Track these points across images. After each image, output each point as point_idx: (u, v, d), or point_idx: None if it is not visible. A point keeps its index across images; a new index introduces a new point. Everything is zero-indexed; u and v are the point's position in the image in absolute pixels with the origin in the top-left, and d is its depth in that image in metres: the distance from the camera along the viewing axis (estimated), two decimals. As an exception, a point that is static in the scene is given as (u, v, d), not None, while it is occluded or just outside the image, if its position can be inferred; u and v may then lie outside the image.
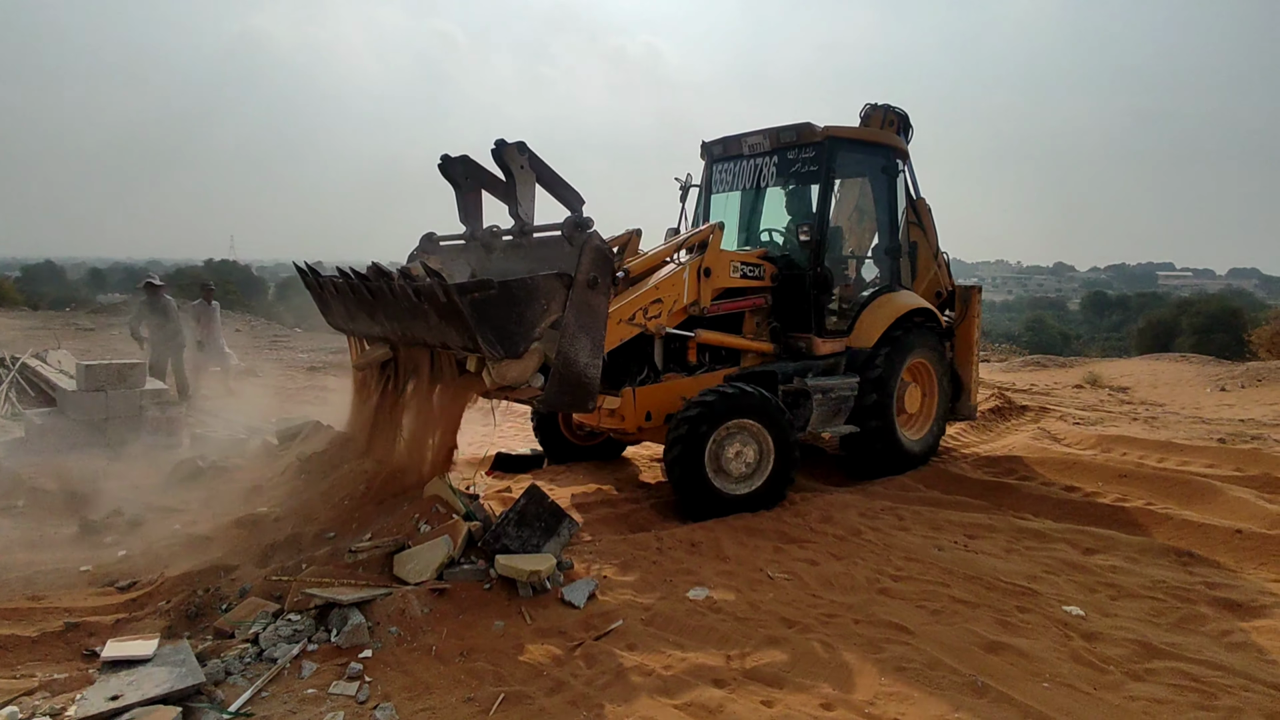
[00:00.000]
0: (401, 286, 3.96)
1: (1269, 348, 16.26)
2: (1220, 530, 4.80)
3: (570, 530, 4.16)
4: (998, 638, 3.44)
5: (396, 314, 4.18)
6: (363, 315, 4.47)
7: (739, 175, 6.55)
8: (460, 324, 3.71)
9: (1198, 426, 8.58)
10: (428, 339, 4.12)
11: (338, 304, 4.76)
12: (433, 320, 3.90)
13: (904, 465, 6.31)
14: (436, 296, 3.72)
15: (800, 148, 6.02)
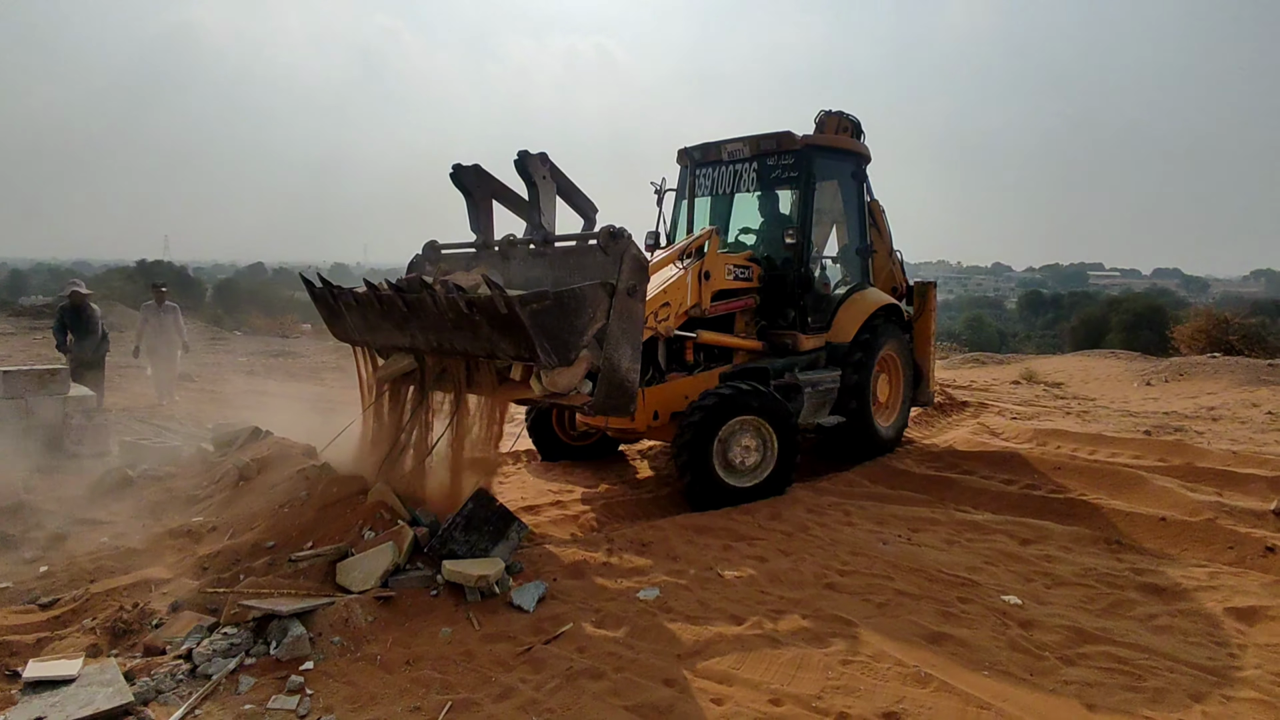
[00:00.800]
0: (451, 298, 3.93)
1: (1189, 344, 17.10)
2: (1146, 518, 5.02)
3: (519, 533, 4.11)
4: (940, 628, 3.52)
5: (435, 325, 4.14)
6: (388, 326, 4.40)
7: (718, 180, 6.79)
8: (518, 334, 3.74)
9: (1126, 419, 8.97)
10: (471, 349, 4.09)
11: (355, 315, 4.62)
12: (483, 331, 3.90)
13: (879, 450, 6.79)
14: (493, 308, 3.72)
15: (780, 155, 6.32)
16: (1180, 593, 3.96)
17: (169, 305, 10.19)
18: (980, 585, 4.00)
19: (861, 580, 4.06)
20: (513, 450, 7.09)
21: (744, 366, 6.07)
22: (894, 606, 3.76)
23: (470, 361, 4.23)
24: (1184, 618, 3.71)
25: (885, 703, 2.94)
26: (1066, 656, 3.32)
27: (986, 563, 4.34)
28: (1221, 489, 5.72)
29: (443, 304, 3.98)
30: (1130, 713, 2.90)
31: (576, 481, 6.14)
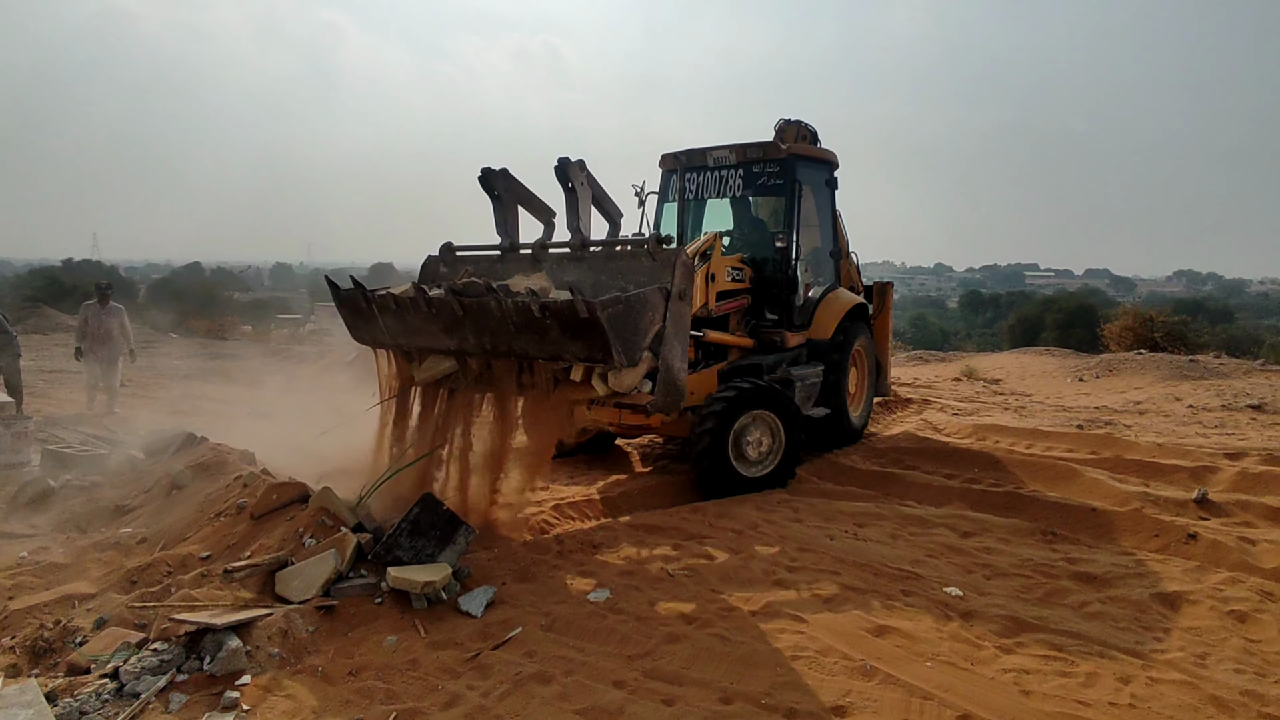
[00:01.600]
0: (522, 302, 3.98)
1: (1118, 341, 17.85)
2: (1079, 509, 5.21)
3: (467, 538, 4.04)
4: (885, 621, 3.59)
5: (496, 328, 4.15)
6: (434, 330, 4.38)
7: (703, 185, 7.08)
8: (594, 336, 3.84)
9: (1060, 414, 9.30)
10: (533, 351, 4.14)
11: (390, 318, 4.55)
12: (553, 334, 3.96)
13: (852, 439, 7.30)
14: (572, 312, 3.81)
15: (765, 163, 6.69)
16: (1110, 580, 4.12)
17: (113, 306, 9.50)
18: (923, 578, 4.09)
19: (809, 576, 4.10)
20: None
21: (738, 364, 6.36)
22: (841, 601, 3.82)
23: (524, 363, 4.28)
24: (1113, 604, 3.85)
25: (832, 697, 2.98)
26: (1005, 645, 3.42)
27: (929, 556, 4.45)
28: (1148, 480, 5.98)
29: (509, 308, 4.01)
30: (1063, 698, 3.00)
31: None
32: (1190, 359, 13.97)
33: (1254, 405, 9.60)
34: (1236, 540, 4.59)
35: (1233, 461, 6.32)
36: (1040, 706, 2.93)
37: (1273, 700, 3.02)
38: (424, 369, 4.65)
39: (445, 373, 4.58)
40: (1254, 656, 3.38)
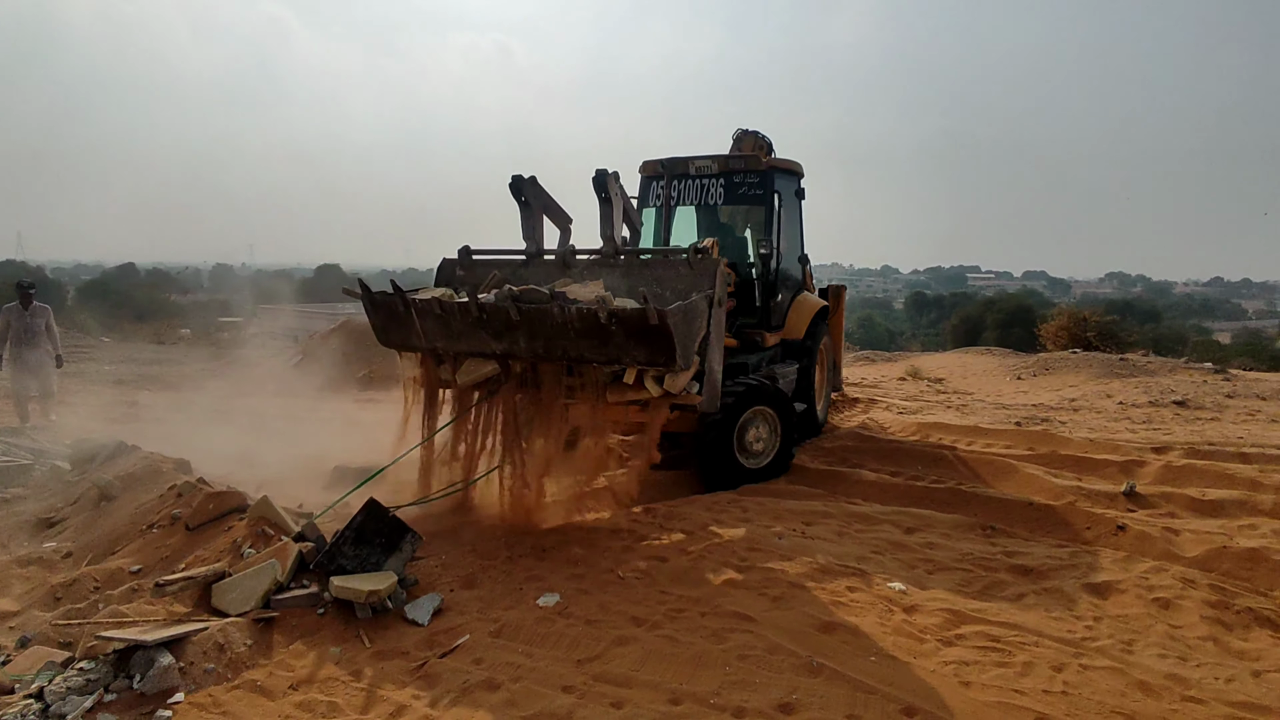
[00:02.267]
0: (589, 309, 4.11)
1: (1054, 340, 18.53)
2: (1017, 504, 5.39)
3: (414, 545, 3.97)
4: (831, 618, 3.65)
5: (554, 333, 4.27)
6: (482, 334, 4.46)
7: (683, 193, 7.28)
8: (659, 341, 4.02)
9: (999, 412, 9.60)
10: (589, 355, 4.27)
11: (431, 322, 4.59)
12: (615, 339, 4.11)
13: (817, 431, 7.73)
14: (641, 318, 3.97)
15: (746, 174, 6.99)
16: (1045, 572, 4.26)
17: (38, 307, 8.81)
18: (868, 574, 4.18)
19: (758, 575, 4.14)
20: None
21: (727, 363, 6.39)
22: (789, 599, 3.86)
23: (574, 366, 4.41)
24: (1048, 595, 3.99)
25: (780, 694, 3.02)
26: (946, 638, 3.51)
27: (874, 552, 4.54)
28: (1081, 474, 6.21)
29: (572, 314, 4.14)
30: (1001, 687, 3.09)
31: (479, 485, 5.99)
32: (1121, 357, 14.58)
33: (1178, 401, 10.07)
34: (1161, 531, 4.80)
35: (1159, 455, 6.61)
36: (979, 697, 3.02)
37: (1194, 683, 3.16)
38: (465, 372, 4.69)
39: (487, 375, 4.66)
40: (1177, 642, 3.54)
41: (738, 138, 7.73)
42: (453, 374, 4.77)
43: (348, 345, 11.91)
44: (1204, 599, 3.91)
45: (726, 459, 5.92)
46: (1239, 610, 3.83)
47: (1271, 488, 5.62)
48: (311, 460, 6.73)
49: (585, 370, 4.41)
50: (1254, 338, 39.42)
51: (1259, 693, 3.12)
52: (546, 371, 4.51)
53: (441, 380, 4.89)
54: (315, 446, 7.25)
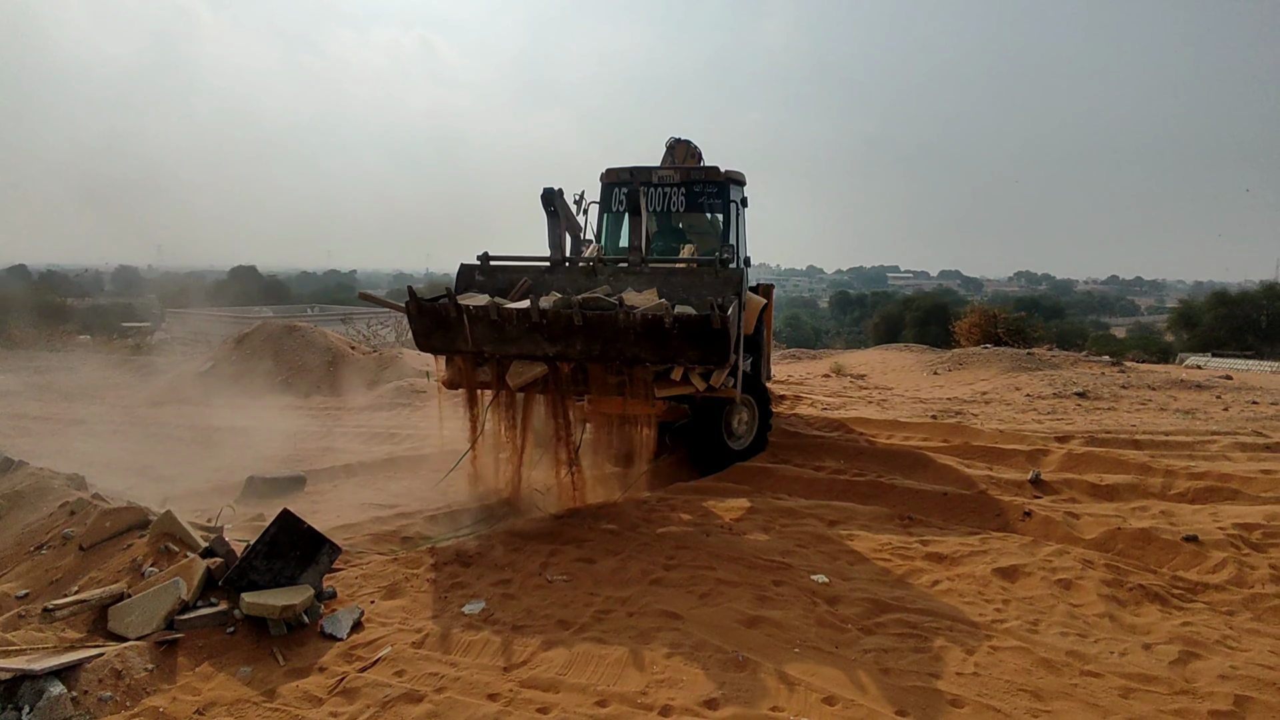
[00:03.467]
0: (652, 314, 4.48)
1: (967, 336, 19.39)
2: (932, 494, 5.60)
3: (332, 556, 3.82)
4: (757, 612, 3.70)
5: (613, 337, 4.57)
6: (534, 338, 4.70)
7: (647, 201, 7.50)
8: (716, 343, 4.44)
9: (917, 406, 9.97)
10: (643, 355, 4.60)
11: (482, 328, 4.77)
12: (673, 341, 4.48)
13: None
14: (705, 323, 4.38)
15: (705, 184, 7.34)
16: (958, 559, 4.44)
17: None
18: (793, 568, 4.26)
19: (685, 573, 4.17)
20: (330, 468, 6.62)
21: None
22: (715, 595, 3.91)
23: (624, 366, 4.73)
24: (961, 581, 4.16)
25: (706, 691, 3.04)
26: (866, 627, 3.61)
27: (799, 545, 4.63)
28: (991, 464, 6.51)
29: (635, 319, 4.49)
30: (917, 672, 3.20)
31: (401, 493, 5.84)
32: (1028, 352, 15.37)
33: (1079, 393, 10.68)
34: (1064, 516, 5.07)
35: (1061, 444, 6.99)
36: (897, 683, 3.11)
37: (1092, 659, 3.35)
38: (515, 374, 4.89)
39: (537, 376, 4.88)
40: (1077, 620, 3.74)
41: (670, 146, 8.00)
42: (493, 376, 4.95)
43: (263, 350, 11.40)
44: (1101, 578, 4.15)
45: (716, 443, 6.48)
46: (1131, 587, 4.08)
47: (1160, 471, 6.02)
48: (223, 471, 6.42)
49: (633, 369, 4.73)
50: (1146, 332, 42.26)
51: (1149, 663, 3.33)
52: (596, 371, 4.79)
53: (479, 382, 5.06)
54: (228, 457, 6.93)
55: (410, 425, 8.56)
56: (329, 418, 9.00)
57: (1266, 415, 9.02)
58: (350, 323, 19.82)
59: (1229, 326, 31.62)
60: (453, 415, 8.52)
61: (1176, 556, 4.52)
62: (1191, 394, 10.79)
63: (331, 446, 7.59)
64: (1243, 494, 5.57)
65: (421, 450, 7.20)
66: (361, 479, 6.34)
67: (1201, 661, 3.36)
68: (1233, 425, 8.25)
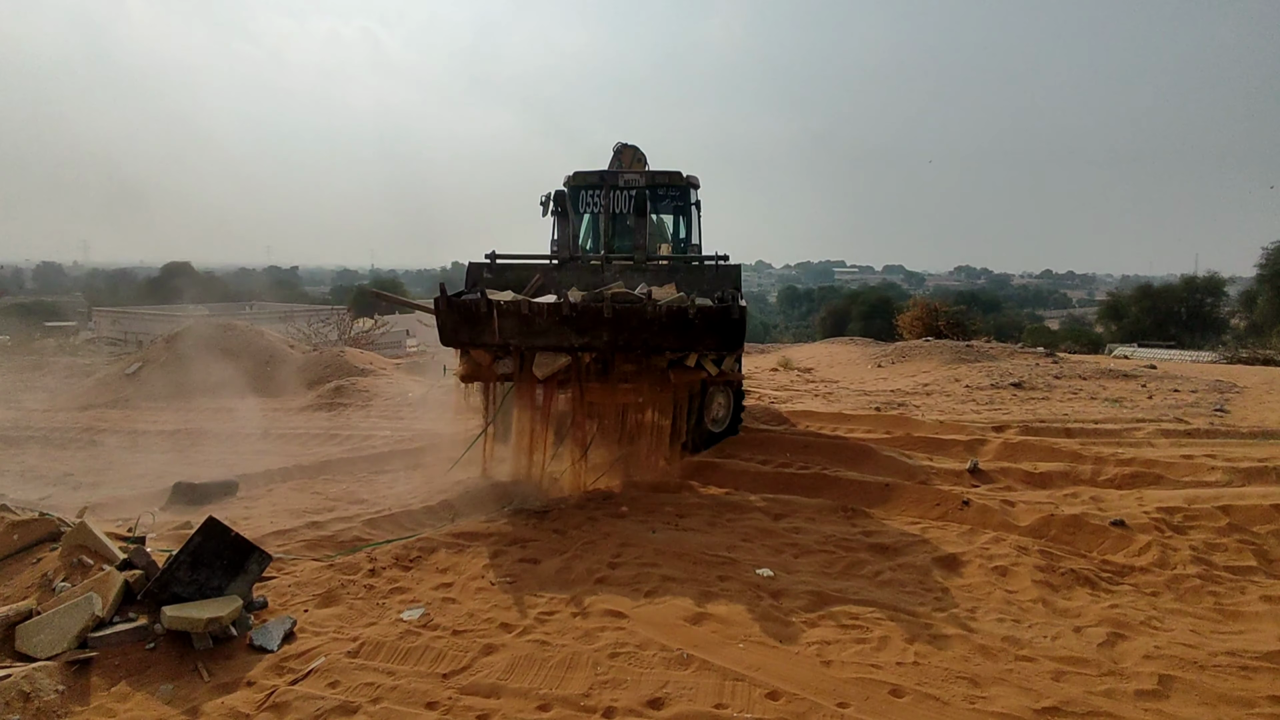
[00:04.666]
0: (678, 307, 4.91)
1: (910, 329, 19.86)
2: (875, 486, 5.68)
3: (262, 564, 3.66)
4: (702, 608, 3.68)
5: (635, 327, 4.96)
6: (563, 330, 5.00)
7: (613, 202, 7.78)
8: (733, 332, 4.94)
9: (861, 398, 10.15)
10: (665, 345, 5.05)
11: (511, 322, 5.01)
12: (696, 331, 4.96)
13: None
14: (726, 314, 4.90)
15: (669, 187, 7.70)
16: (899, 549, 4.51)
17: None
18: (738, 562, 4.26)
19: (631, 571, 4.14)
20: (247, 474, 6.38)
21: None
22: (661, 593, 3.88)
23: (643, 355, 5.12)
24: (902, 571, 4.22)
25: (650, 690, 3.01)
26: (810, 620, 3.63)
27: (744, 540, 4.64)
28: (932, 454, 6.64)
29: (662, 311, 4.88)
30: (860, 663, 3.22)
31: (340, 496, 5.66)
32: (967, 344, 15.81)
33: (1015, 383, 11.02)
34: (1000, 504, 5.20)
35: (998, 433, 7.19)
36: (839, 675, 3.13)
37: (1026, 643, 3.43)
38: (541, 365, 5.16)
39: (561, 367, 5.17)
40: (1013, 606, 3.83)
41: (618, 150, 8.27)
42: (516, 368, 5.21)
43: (195, 350, 10.94)
44: (1035, 564, 4.26)
45: (699, 425, 6.73)
46: (1063, 572, 4.21)
47: (1090, 459, 6.23)
48: (149, 478, 6.14)
49: (650, 358, 5.15)
50: (1078, 324, 44.00)
51: (1079, 646, 3.42)
52: (619, 360, 5.18)
53: (500, 375, 5.30)
54: (154, 462, 6.62)
55: (351, 426, 8.33)
56: (265, 419, 8.69)
57: (1187, 403, 9.45)
58: (290, 320, 19.24)
59: (1153, 318, 33.16)
60: (396, 415, 8.31)
61: (1105, 541, 4.68)
62: (1119, 383, 11.23)
63: (267, 449, 7.33)
64: (1166, 478, 5.81)
65: (361, 451, 7.00)
66: (298, 482, 6.12)
67: (1128, 642, 3.48)
68: (1157, 413, 8.61)
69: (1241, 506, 5.01)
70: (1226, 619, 3.80)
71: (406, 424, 8.46)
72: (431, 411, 9.18)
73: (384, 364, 12.35)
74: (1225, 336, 30.14)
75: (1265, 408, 9.15)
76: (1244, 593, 4.09)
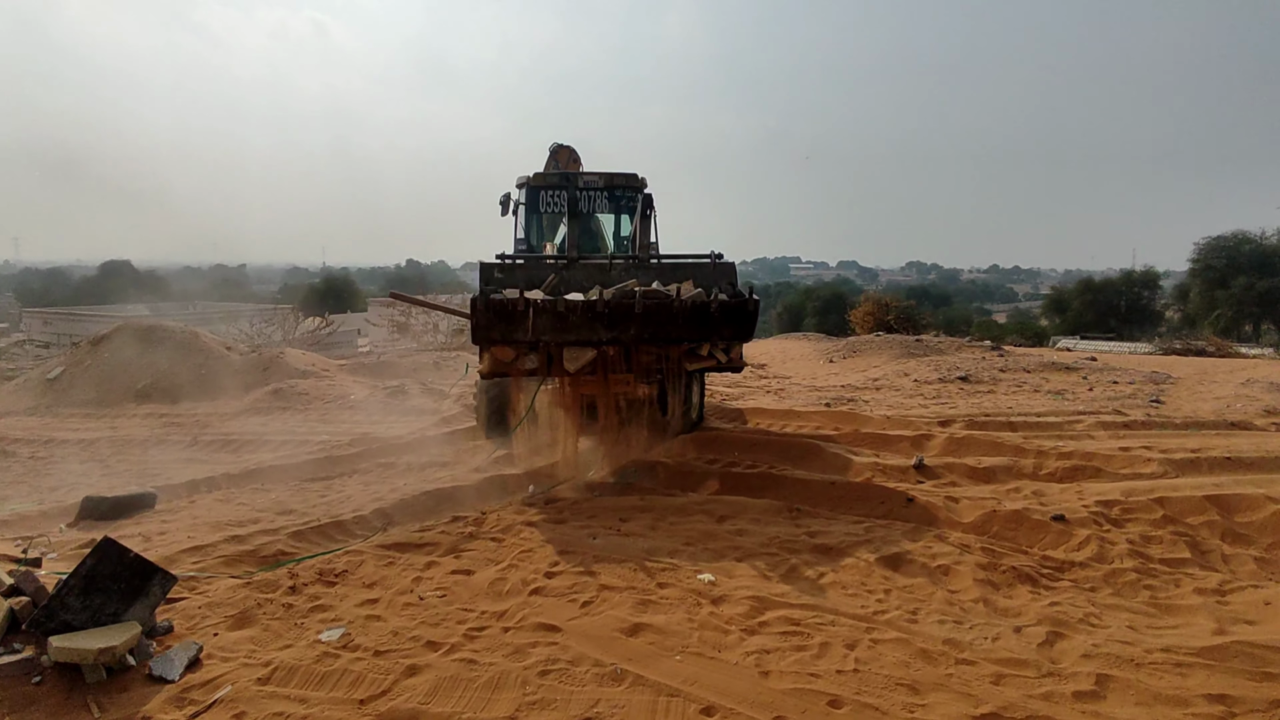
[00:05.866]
0: (702, 300, 5.41)
1: (862, 324, 20.08)
2: (820, 484, 5.61)
3: (165, 586, 3.39)
4: (639, 618, 3.54)
5: (661, 320, 5.39)
6: (594, 325, 5.34)
7: (573, 203, 7.90)
8: (746, 322, 5.50)
9: (812, 394, 10.15)
10: (686, 336, 5.50)
11: (545, 319, 5.27)
12: (714, 322, 5.44)
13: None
14: (743, 304, 5.43)
15: (625, 189, 7.81)
16: (842, 549, 4.43)
17: None
18: (679, 568, 4.13)
19: (568, 580, 3.98)
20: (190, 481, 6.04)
21: None
22: (598, 603, 3.73)
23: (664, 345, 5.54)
24: (844, 572, 4.14)
25: (580, 709, 2.86)
26: (749, 627, 3.51)
27: (686, 544, 4.52)
28: (879, 450, 6.62)
29: (687, 305, 5.37)
30: (798, 673, 3.12)
31: (267, 507, 5.38)
32: (917, 339, 16.02)
33: (962, 377, 11.16)
34: (944, 500, 5.18)
35: (943, 428, 7.20)
36: (776, 685, 3.02)
37: (967, 645, 3.37)
38: (571, 358, 5.48)
39: (589, 360, 5.50)
40: (954, 606, 3.78)
41: (554, 151, 8.40)
42: (541, 363, 5.47)
43: (124, 353, 10.40)
44: (977, 562, 4.23)
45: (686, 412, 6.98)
46: (1004, 570, 4.18)
47: (1032, 452, 6.27)
48: (61, 491, 5.76)
49: (668, 348, 5.56)
50: (1023, 317, 45.18)
51: (1020, 647, 3.37)
52: (642, 350, 5.55)
53: (525, 370, 5.53)
54: (69, 474, 6.23)
55: (287, 431, 8.00)
56: (196, 425, 8.29)
57: (1125, 394, 9.66)
58: (232, 321, 18.55)
59: (1094, 311, 34.20)
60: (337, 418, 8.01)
61: (1046, 536, 4.68)
62: (1062, 375, 11.46)
63: (194, 457, 6.97)
64: (1104, 471, 5.87)
65: (295, 458, 6.70)
66: (224, 492, 5.81)
67: (1066, 641, 3.44)
68: (1096, 405, 8.77)
69: (1176, 499, 5.07)
70: (1162, 613, 3.81)
71: (346, 428, 8.15)
72: (373, 414, 8.88)
73: (326, 365, 11.95)
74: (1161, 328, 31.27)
75: (1197, 398, 9.41)
76: (1178, 585, 4.11)
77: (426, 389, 10.04)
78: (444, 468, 6.51)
